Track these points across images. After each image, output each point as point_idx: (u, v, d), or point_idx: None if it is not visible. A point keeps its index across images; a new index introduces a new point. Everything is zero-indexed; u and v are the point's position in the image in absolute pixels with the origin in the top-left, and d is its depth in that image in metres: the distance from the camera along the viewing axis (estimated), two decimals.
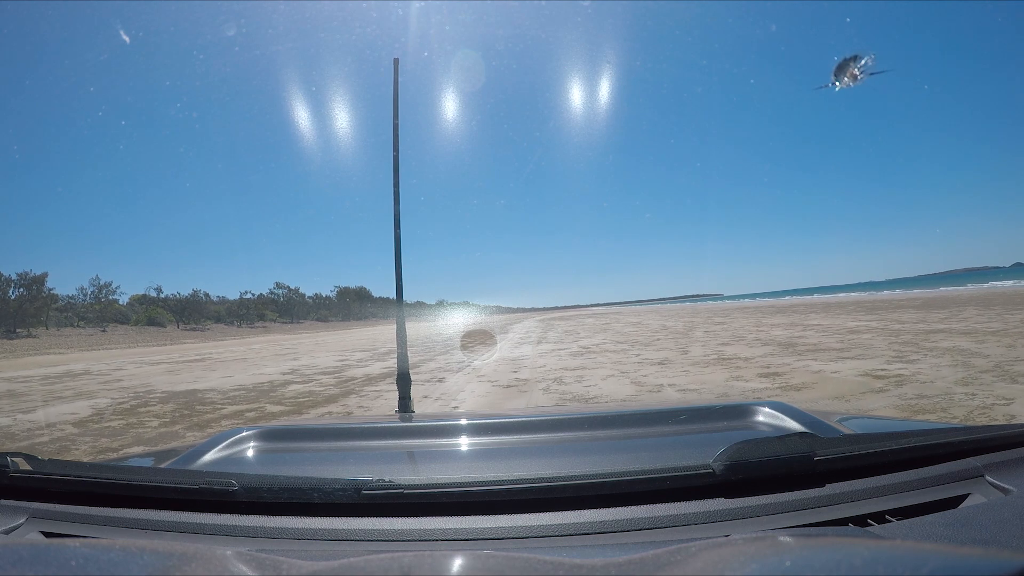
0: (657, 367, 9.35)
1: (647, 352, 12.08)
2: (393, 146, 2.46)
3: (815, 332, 13.98)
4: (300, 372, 12.60)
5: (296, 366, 14.32)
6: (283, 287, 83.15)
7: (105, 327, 51.05)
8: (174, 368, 15.93)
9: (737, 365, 8.80)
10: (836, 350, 9.68)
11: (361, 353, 18.02)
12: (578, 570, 0.59)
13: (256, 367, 14.68)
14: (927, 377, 6.40)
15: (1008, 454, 0.94)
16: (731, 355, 10.28)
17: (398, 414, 2.34)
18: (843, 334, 12.80)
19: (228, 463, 1.22)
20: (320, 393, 8.94)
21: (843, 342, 10.98)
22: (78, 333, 46.46)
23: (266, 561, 0.65)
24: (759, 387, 6.76)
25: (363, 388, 9.31)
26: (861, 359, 8.34)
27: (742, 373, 7.89)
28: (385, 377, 10.61)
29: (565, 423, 1.40)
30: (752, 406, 1.36)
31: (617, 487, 0.83)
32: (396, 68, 2.53)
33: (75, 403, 9.16)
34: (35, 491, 0.98)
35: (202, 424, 6.67)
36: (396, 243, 2.47)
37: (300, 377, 11.53)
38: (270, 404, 7.99)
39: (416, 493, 0.84)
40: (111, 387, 11.43)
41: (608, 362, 10.65)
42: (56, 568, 0.61)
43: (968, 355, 7.75)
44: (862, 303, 32.41)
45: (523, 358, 12.65)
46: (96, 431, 6.50)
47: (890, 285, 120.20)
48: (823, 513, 0.81)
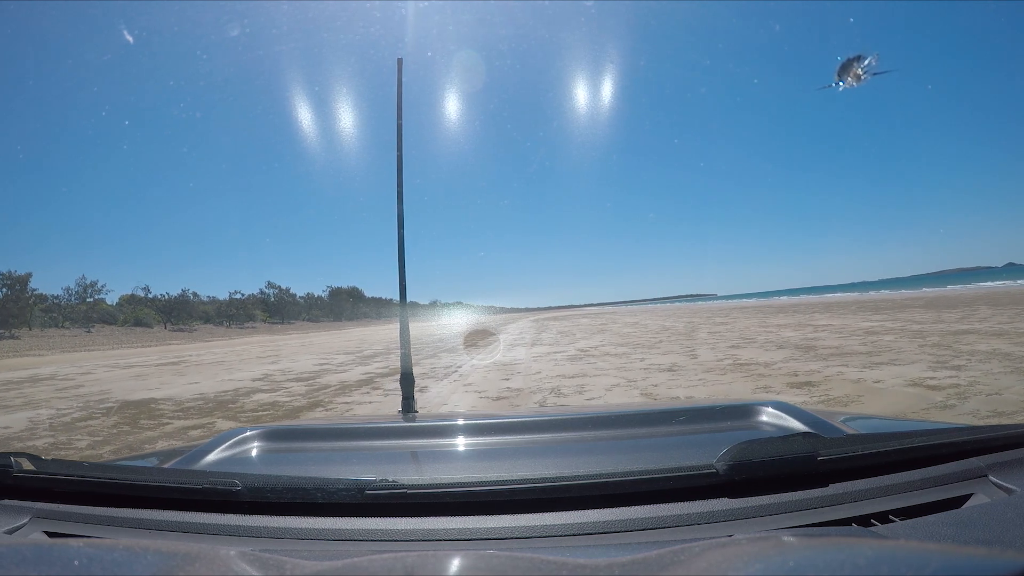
0: (667, 374, 8.54)
1: (653, 356, 11.18)
2: (397, 146, 2.43)
3: (829, 333, 13.16)
4: (272, 378, 11.82)
5: (271, 371, 13.54)
6: (274, 287, 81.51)
7: (90, 328, 50.19)
8: (144, 373, 15.07)
9: (758, 372, 7.96)
10: (862, 354, 8.95)
11: (344, 356, 17.14)
12: (582, 570, 0.59)
13: (229, 372, 13.89)
14: (989, 387, 5.57)
15: (1012, 454, 0.94)
16: (747, 360, 9.46)
17: (401, 414, 2.29)
18: (861, 335, 12.08)
19: (231, 463, 1.21)
20: (284, 405, 8.23)
21: (866, 344, 10.27)
22: (62, 334, 45.51)
23: (270, 561, 0.65)
24: (796, 400, 5.80)
25: (333, 399, 8.54)
26: (897, 364, 7.57)
27: (769, 383, 7.04)
28: (363, 385, 9.92)
29: (568, 423, 1.39)
30: (755, 406, 1.35)
31: (620, 487, 0.83)
32: (400, 68, 2.52)
33: (16, 414, 8.44)
34: (38, 491, 0.97)
35: (134, 446, 5.63)
36: (400, 244, 2.44)
37: (270, 384, 10.73)
38: (223, 419, 7.05)
39: (419, 493, 0.84)
40: (66, 395, 10.66)
41: (611, 368, 9.83)
42: (60, 568, 0.61)
43: (1018, 360, 7.06)
44: (864, 303, 31.72)
45: (516, 363, 11.71)
46: (16, 450, 5.62)
47: (883, 285, 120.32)
48: (826, 513, 0.81)
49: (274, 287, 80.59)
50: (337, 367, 13.56)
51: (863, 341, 10.76)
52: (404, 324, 2.40)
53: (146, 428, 6.69)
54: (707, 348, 11.96)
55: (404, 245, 2.44)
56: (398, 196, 2.41)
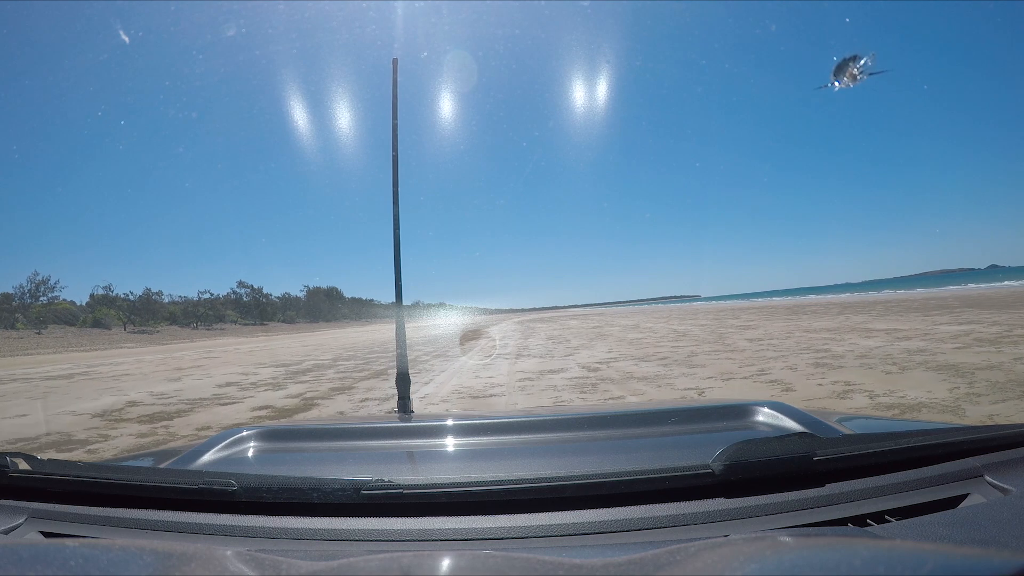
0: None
1: (707, 382, 7.18)
2: (392, 147, 2.40)
3: (930, 341, 9.38)
4: (115, 414, 8.11)
5: (163, 391, 10.36)
6: (246, 286, 77.18)
7: (42, 329, 46.53)
8: (21, 391, 11.95)
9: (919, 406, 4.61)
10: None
11: (271, 371, 13.43)
12: (578, 570, 0.59)
13: (108, 392, 10.72)
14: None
15: (1007, 454, 0.93)
16: (858, 385, 6.14)
17: (397, 414, 2.22)
18: (958, 341, 9.11)
19: (228, 463, 1.21)
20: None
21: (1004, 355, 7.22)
22: (6, 336, 41.67)
23: (266, 561, 0.65)
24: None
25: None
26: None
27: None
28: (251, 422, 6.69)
29: (564, 423, 1.38)
30: (752, 406, 1.34)
31: (616, 487, 0.82)
32: (395, 68, 2.47)
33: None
34: (34, 491, 0.97)
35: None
36: (395, 244, 2.41)
37: (107, 421, 7.47)
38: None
39: (415, 493, 0.84)
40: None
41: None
42: (56, 568, 0.60)
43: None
44: (875, 304, 28.64)
45: (493, 389, 7.90)
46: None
47: (866, 287, 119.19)
48: (822, 513, 0.81)
49: (246, 286, 76.68)
50: (245, 388, 10.13)
51: (990, 351, 7.58)
52: (400, 324, 2.35)
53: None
54: (782, 366, 8.17)
55: (400, 247, 2.41)
56: (394, 198, 2.39)
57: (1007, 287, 37.96)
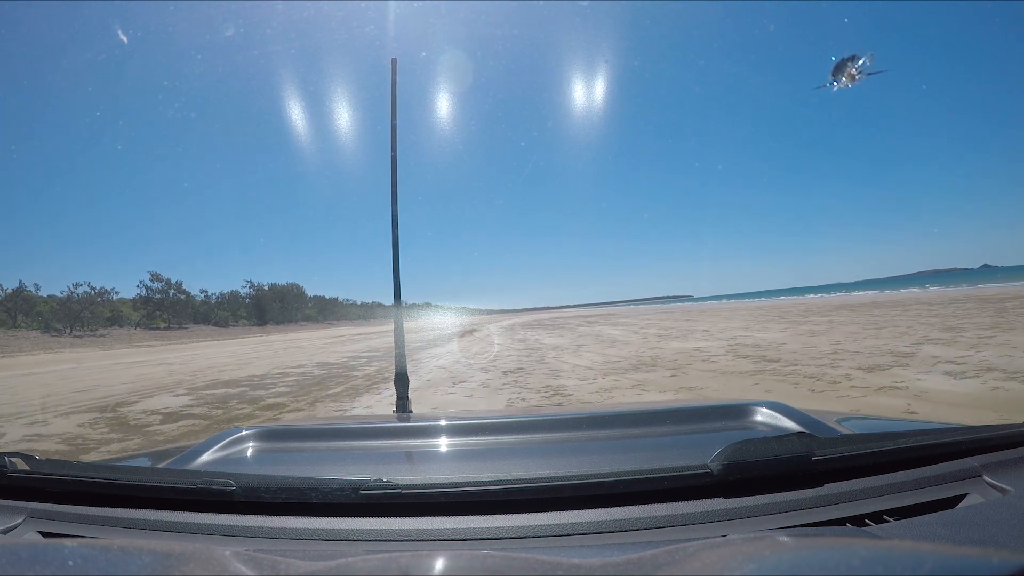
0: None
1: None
2: (391, 147, 2.45)
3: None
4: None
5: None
6: (160, 279, 61.10)
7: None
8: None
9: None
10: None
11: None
12: (576, 570, 0.59)
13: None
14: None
15: (1006, 454, 0.94)
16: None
17: (396, 414, 2.25)
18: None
19: (226, 463, 1.22)
20: None
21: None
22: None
23: (264, 561, 0.65)
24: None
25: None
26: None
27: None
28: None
29: (563, 423, 1.38)
30: (750, 406, 1.34)
31: (615, 487, 0.83)
32: (394, 68, 2.52)
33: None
34: (33, 491, 0.98)
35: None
36: (394, 244, 2.44)
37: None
38: None
39: (414, 493, 0.84)
40: None
41: None
42: (54, 568, 0.61)
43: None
44: (887, 303, 25.10)
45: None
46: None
47: (860, 287, 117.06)
48: (821, 513, 0.81)
49: (160, 279, 61.21)
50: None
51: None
52: (399, 324, 2.38)
53: None
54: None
55: (398, 246, 2.39)
56: (392, 196, 2.39)
57: (952, 292, 33.16)
